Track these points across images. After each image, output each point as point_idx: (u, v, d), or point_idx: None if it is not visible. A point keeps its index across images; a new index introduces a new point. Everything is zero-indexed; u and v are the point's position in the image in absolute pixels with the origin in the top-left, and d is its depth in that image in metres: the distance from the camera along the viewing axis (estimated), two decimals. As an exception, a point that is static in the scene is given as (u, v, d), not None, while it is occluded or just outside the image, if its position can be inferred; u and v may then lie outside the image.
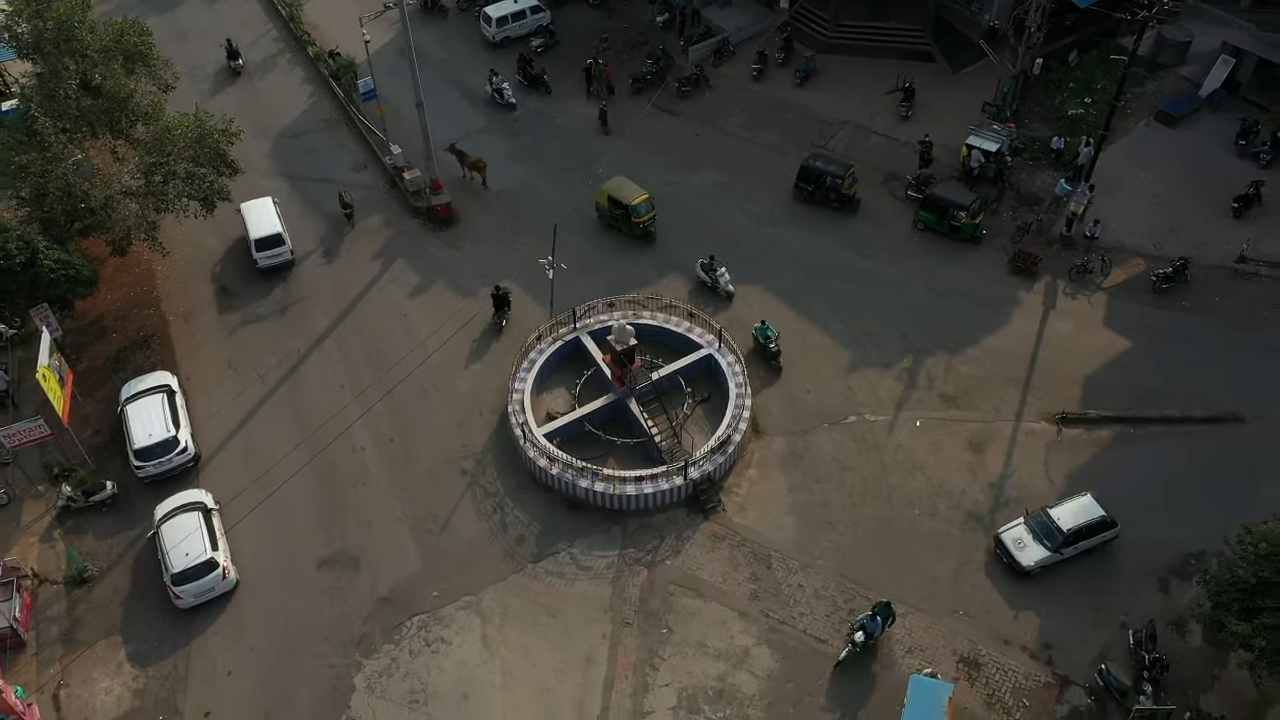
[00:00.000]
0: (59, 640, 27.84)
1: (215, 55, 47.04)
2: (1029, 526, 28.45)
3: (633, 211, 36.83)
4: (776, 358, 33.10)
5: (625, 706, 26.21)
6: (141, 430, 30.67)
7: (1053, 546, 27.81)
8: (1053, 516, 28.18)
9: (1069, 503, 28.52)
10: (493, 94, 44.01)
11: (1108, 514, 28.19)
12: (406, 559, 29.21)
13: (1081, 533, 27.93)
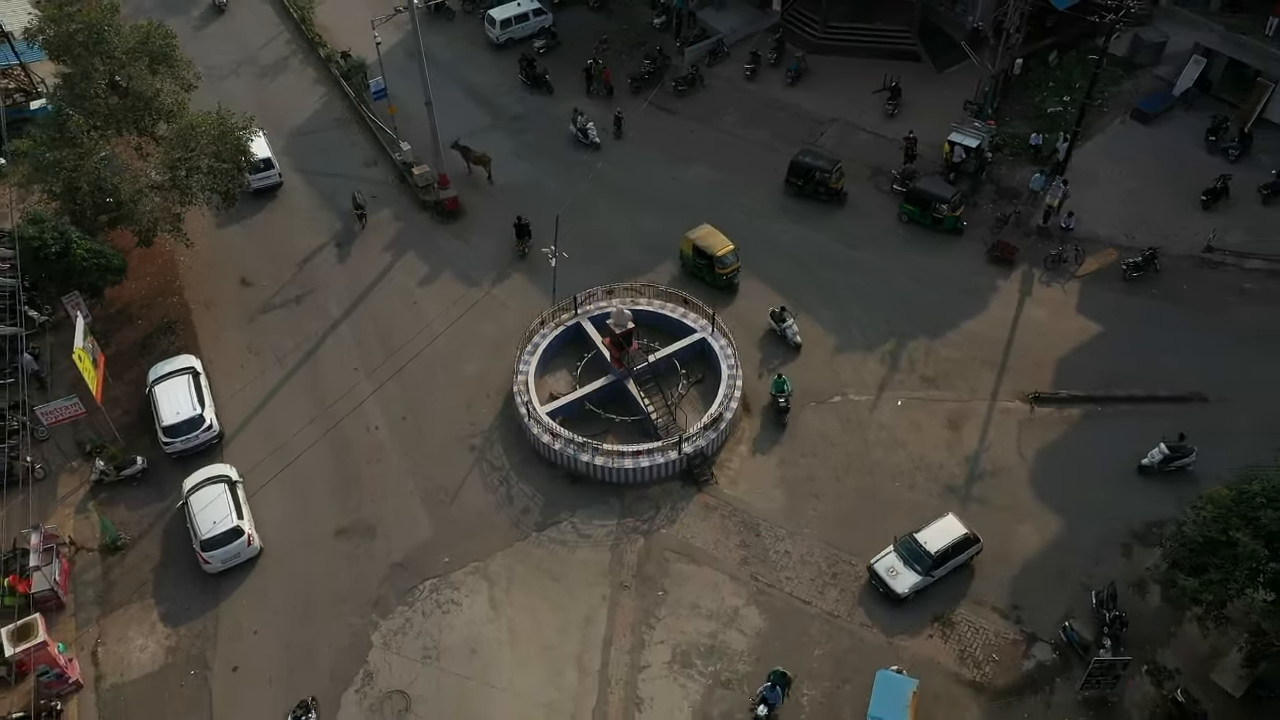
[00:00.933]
0: (95, 602, 30.01)
1: (230, 56, 49.23)
2: (899, 553, 29.42)
3: (718, 262, 36.77)
4: (784, 414, 33.37)
5: (623, 662, 28.35)
6: (169, 409, 32.86)
7: (923, 570, 28.83)
8: (920, 541, 29.19)
9: (933, 525, 29.57)
10: (576, 134, 43.85)
11: (970, 531, 29.45)
12: (419, 528, 31.36)
13: (948, 553, 29.04)
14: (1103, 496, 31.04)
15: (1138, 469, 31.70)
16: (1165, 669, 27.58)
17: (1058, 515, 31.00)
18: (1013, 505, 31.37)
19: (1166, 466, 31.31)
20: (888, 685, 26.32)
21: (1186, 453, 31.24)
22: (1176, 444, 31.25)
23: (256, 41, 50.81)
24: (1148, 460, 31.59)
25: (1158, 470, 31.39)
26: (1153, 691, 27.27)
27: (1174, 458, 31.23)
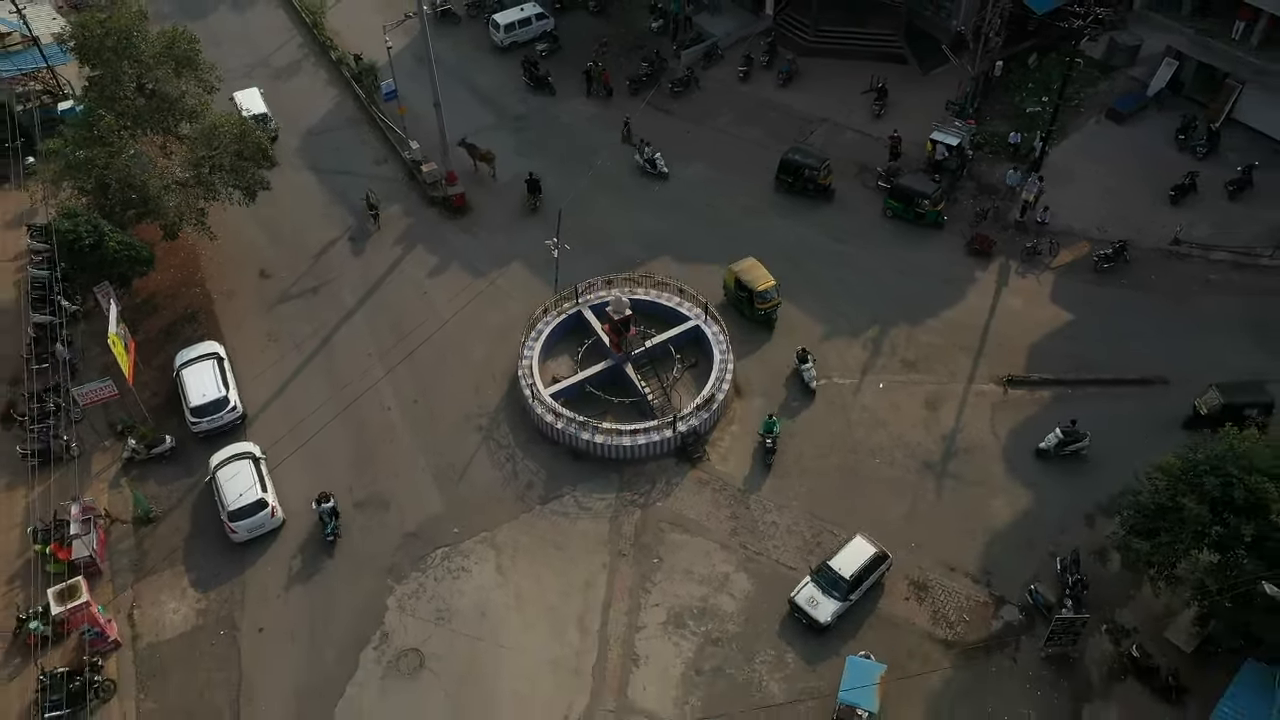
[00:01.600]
0: (130, 569, 32.38)
1: (246, 59, 51.59)
2: (817, 583, 30.35)
3: (757, 297, 37.26)
4: (771, 454, 34.24)
5: (621, 622, 30.69)
6: (196, 391, 35.25)
7: (841, 596, 29.92)
8: (834, 568, 30.25)
9: (845, 550, 30.76)
10: (644, 164, 44.34)
11: (879, 549, 30.80)
12: (430, 501, 33.72)
13: (862, 576, 30.22)
14: (1070, 472, 33.34)
15: (1035, 453, 33.87)
16: (1123, 628, 29.91)
17: (1027, 489, 33.33)
18: (985, 480, 33.68)
19: (1061, 451, 33.54)
20: (856, 669, 28.10)
21: (1079, 438, 33.50)
22: (1070, 430, 33.51)
23: (270, 45, 53.23)
24: (1044, 444, 33.77)
25: (1054, 454, 33.60)
26: (1111, 649, 29.60)
27: (1068, 442, 33.49)
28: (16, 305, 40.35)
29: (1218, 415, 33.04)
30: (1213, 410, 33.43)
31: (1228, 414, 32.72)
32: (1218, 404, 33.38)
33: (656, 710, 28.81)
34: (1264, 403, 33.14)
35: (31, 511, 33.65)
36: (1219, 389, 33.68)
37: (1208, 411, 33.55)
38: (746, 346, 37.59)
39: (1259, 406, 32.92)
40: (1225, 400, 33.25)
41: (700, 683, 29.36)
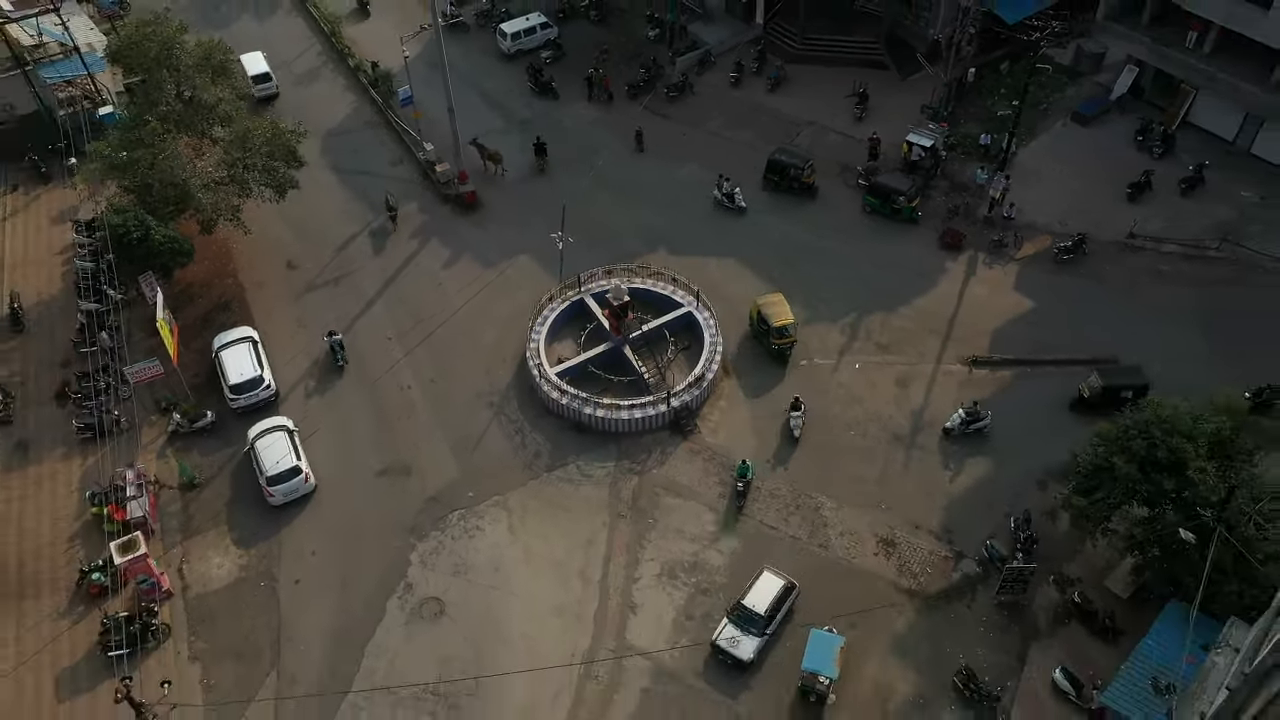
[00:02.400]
0: (178, 529, 36.15)
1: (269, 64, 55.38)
2: (734, 623, 32.04)
3: (774, 332, 38.98)
4: (743, 495, 36.05)
5: (620, 575, 34.46)
6: (235, 370, 39.04)
7: (759, 631, 31.75)
8: (749, 606, 32.02)
9: (755, 587, 32.52)
10: (722, 199, 46.12)
11: (787, 579, 32.75)
12: (448, 469, 37.50)
13: (775, 609, 32.10)
14: (1025, 442, 37.11)
15: (942, 431, 37.52)
16: (1067, 578, 33.65)
17: (986, 457, 37.09)
18: (949, 450, 37.43)
19: (965, 429, 37.23)
20: (819, 641, 30.92)
21: (980, 417, 37.29)
22: (971, 410, 37.26)
23: (290, 52, 56.98)
24: (949, 424, 37.44)
25: (958, 432, 37.25)
26: (1056, 596, 33.35)
27: (970, 421, 37.22)
28: (65, 294, 44.11)
29: (1098, 398, 37.07)
30: (1094, 393, 37.39)
31: (1107, 396, 36.83)
32: (1098, 387, 37.29)
33: (651, 650, 32.58)
34: (1139, 385, 36.86)
35: (86, 480, 37.42)
36: (1099, 374, 37.53)
37: (1089, 395, 37.47)
38: (752, 382, 40.28)
39: (1134, 389, 36.69)
40: (1104, 384, 37.13)
41: (690, 627, 33.11)
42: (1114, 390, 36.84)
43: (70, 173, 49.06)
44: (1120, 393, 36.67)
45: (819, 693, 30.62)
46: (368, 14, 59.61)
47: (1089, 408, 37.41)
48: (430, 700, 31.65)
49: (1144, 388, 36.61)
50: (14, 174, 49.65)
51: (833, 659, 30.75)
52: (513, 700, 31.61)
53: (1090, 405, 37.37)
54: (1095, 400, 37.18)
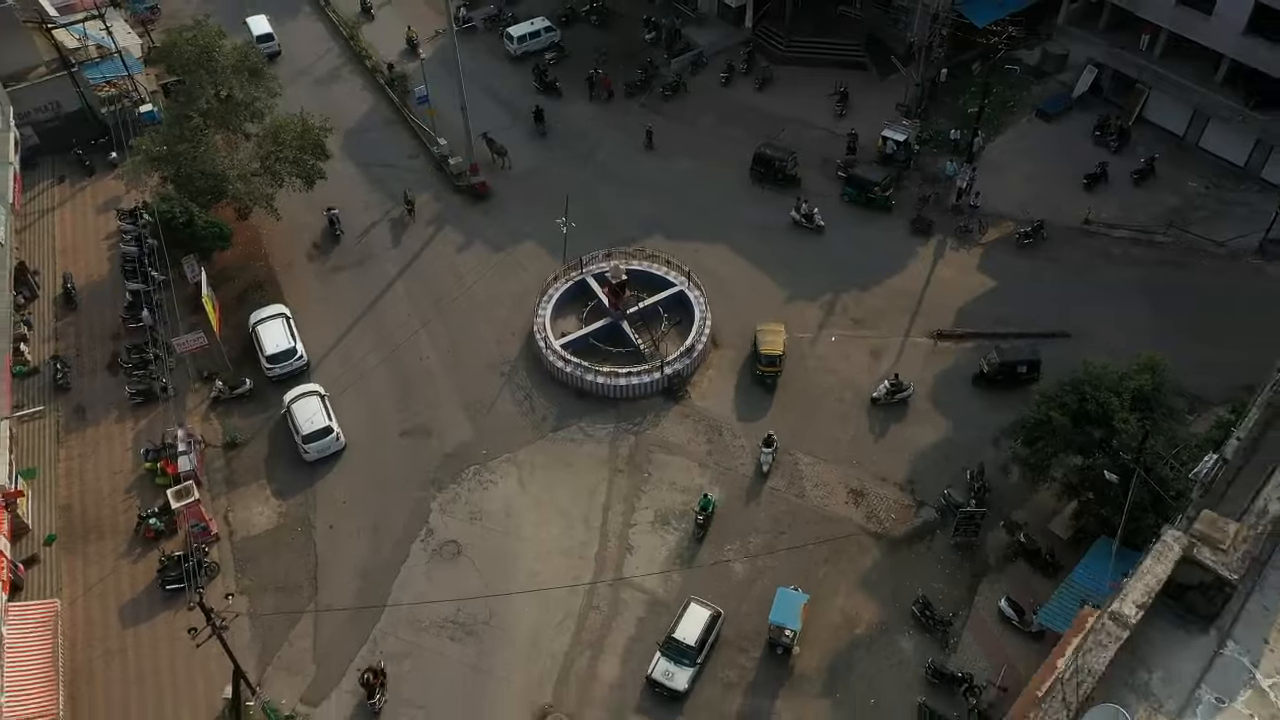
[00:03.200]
0: (223, 483, 40.60)
1: (288, 67, 59.83)
2: (667, 656, 33.98)
3: (761, 359, 42.12)
4: (704, 527, 38.20)
5: (618, 520, 38.91)
6: (271, 343, 43.50)
7: (691, 662, 33.80)
8: (679, 639, 34.00)
9: (684, 620, 34.45)
10: (800, 219, 48.56)
11: (713, 609, 35.01)
12: (463, 430, 41.95)
13: (705, 638, 34.15)
14: (985, 405, 41.54)
15: (871, 400, 41.85)
16: (1016, 523, 38.09)
17: (947, 419, 41.52)
18: (914, 413, 41.86)
19: (890, 399, 41.60)
20: (785, 598, 34.52)
21: (904, 388, 41.68)
22: (895, 382, 41.67)
23: (311, 55, 61.42)
24: (876, 394, 41.76)
25: (883, 401, 41.64)
26: (1005, 538, 37.80)
27: (894, 391, 41.60)
28: (112, 276, 48.58)
29: (996, 373, 41.53)
30: (993, 368, 41.79)
31: (1004, 371, 41.28)
32: (996, 363, 41.70)
33: (644, 584, 37.04)
34: (1032, 361, 41.41)
35: (139, 440, 41.87)
36: (998, 351, 41.92)
37: (989, 370, 41.91)
38: (739, 354, 44.95)
39: (1028, 364, 41.28)
40: (1001, 360, 41.56)
41: (680, 564, 37.56)
42: (1010, 366, 41.36)
43: (112, 166, 53.61)
44: (1016, 369, 41.25)
45: (784, 644, 34.45)
46: (371, 17, 63.96)
47: (989, 382, 41.86)
48: (450, 628, 36.10)
49: (1036, 363, 41.23)
50: (60, 167, 54.08)
51: (797, 613, 34.36)
52: (523, 627, 36.08)
53: (990, 380, 41.82)
54: (994, 375, 41.68)
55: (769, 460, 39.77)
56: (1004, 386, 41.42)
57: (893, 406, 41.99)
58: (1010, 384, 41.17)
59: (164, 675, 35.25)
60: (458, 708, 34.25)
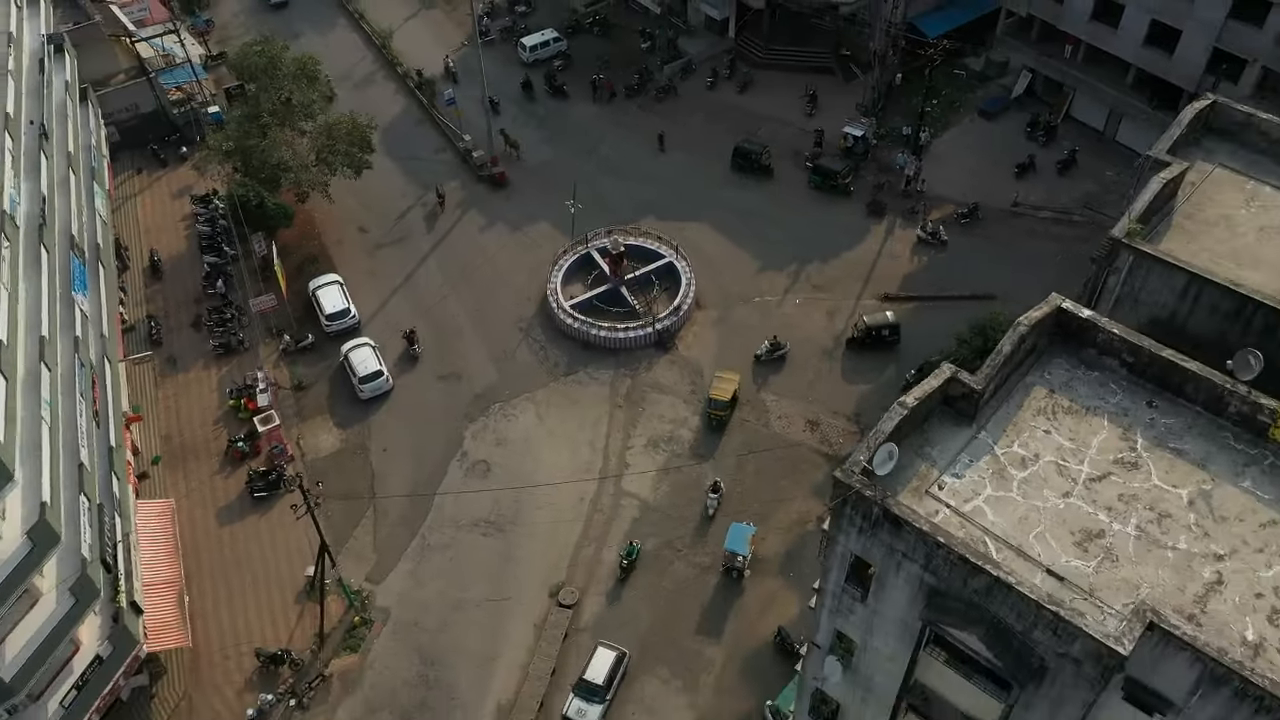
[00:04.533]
0: (294, 416, 50.17)
1: (330, 72, 69.29)
2: (579, 696, 39.12)
3: (709, 402, 48.35)
4: (627, 573, 43.32)
5: (618, 444, 48.45)
6: (329, 304, 53.14)
7: (601, 699, 38.95)
8: (589, 679, 39.13)
9: (592, 662, 39.78)
10: (926, 236, 56.03)
11: (618, 649, 40.20)
12: (489, 374, 51.52)
13: (612, 677, 39.46)
14: (923, 352, 50.99)
15: (754, 358, 50.72)
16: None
17: (888, 365, 51.04)
18: (862, 361, 51.36)
19: (770, 356, 50.53)
20: (736, 530, 42.79)
21: (781, 347, 50.77)
22: (774, 342, 50.68)
23: (348, 62, 71.05)
24: (758, 351, 50.64)
25: (765, 358, 50.56)
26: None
27: (774, 350, 50.64)
28: (189, 251, 58.26)
29: (864, 335, 50.73)
30: (860, 333, 50.98)
31: (869, 335, 50.47)
32: (863, 328, 50.86)
33: (639, 492, 46.59)
34: (892, 325, 50.51)
35: (222, 383, 51.50)
36: (865, 318, 51.01)
37: (856, 334, 51.14)
38: (719, 314, 55.18)
39: (888, 328, 50.44)
40: (867, 325, 50.71)
41: (667, 477, 47.13)
42: (875, 330, 50.62)
43: (183, 159, 63.32)
44: (880, 332, 50.45)
45: (737, 568, 43.18)
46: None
47: (859, 344, 51.07)
48: (483, 525, 45.71)
49: (896, 328, 50.43)
50: (138, 160, 63.76)
51: (746, 542, 43.10)
52: (540, 525, 45.65)
53: (859, 342, 51.05)
54: (862, 338, 50.96)
55: (715, 504, 45.22)
56: (870, 348, 50.71)
57: (839, 356, 51.55)
58: (877, 346, 50.47)
59: (255, 562, 44.85)
60: (492, 586, 43.82)
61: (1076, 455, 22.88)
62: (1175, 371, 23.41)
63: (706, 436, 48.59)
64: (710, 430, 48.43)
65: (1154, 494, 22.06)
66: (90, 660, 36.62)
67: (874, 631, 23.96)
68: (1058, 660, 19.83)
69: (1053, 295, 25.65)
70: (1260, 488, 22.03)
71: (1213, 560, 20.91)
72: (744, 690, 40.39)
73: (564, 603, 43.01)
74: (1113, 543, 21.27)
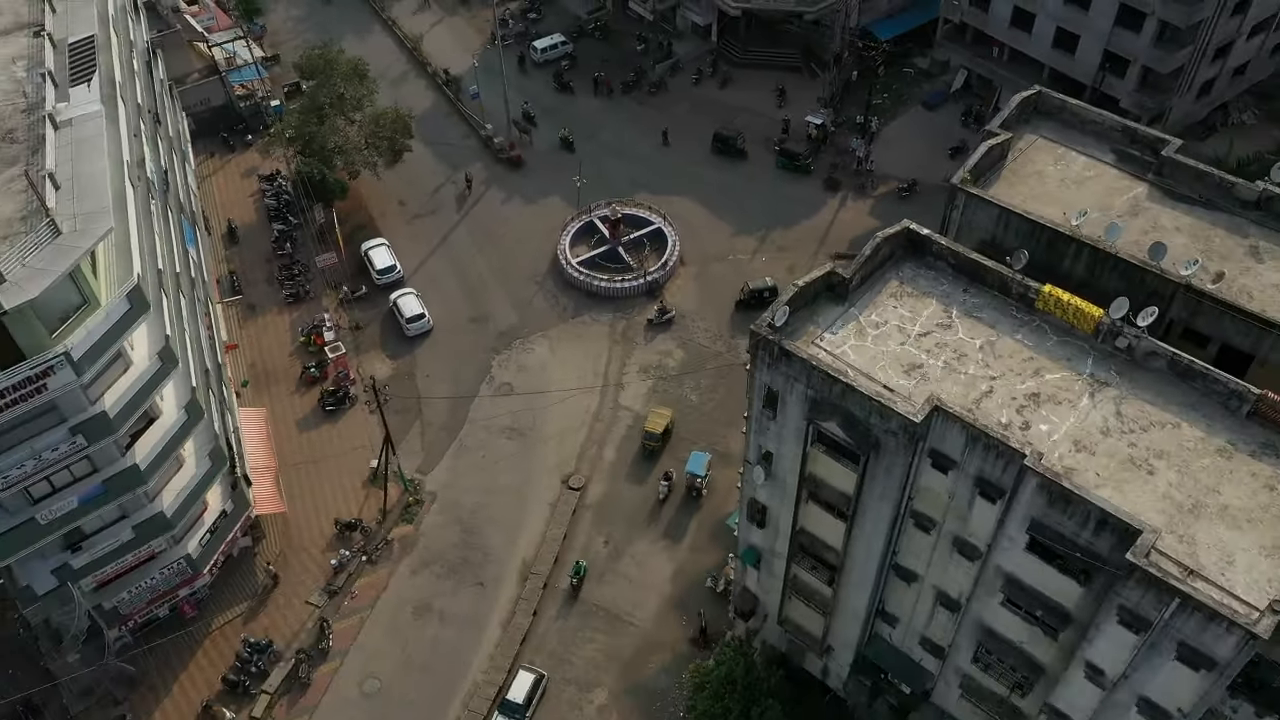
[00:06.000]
0: (353, 350, 63.02)
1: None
2: (502, 713, 46.38)
3: (645, 434, 56.61)
4: (578, 590, 51.46)
5: (616, 369, 61.24)
6: (380, 261, 66.05)
7: (522, 716, 46.45)
8: (512, 700, 46.47)
9: (515, 683, 47.38)
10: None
11: (538, 672, 47.95)
12: (510, 317, 64.34)
13: (531, 696, 46.86)
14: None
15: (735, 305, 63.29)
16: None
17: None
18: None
19: (755, 301, 62.64)
20: (696, 457, 55.18)
21: (668, 312, 62.96)
22: (661, 307, 62.89)
23: (384, 63, 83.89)
24: (650, 317, 62.85)
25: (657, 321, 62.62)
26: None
27: (662, 314, 62.66)
28: (259, 221, 71.10)
29: (749, 298, 62.97)
30: (746, 295, 63.26)
31: (753, 298, 62.71)
32: (749, 292, 63.18)
33: (632, 406, 59.36)
34: (770, 287, 62.47)
35: (294, 325, 64.33)
36: (749, 284, 63.35)
37: (744, 297, 63.47)
38: (699, 269, 68.00)
39: (768, 290, 62.40)
40: (752, 289, 63.07)
41: (655, 395, 59.91)
42: (759, 293, 62.88)
43: (248, 145, 76.25)
44: (761, 294, 62.63)
45: (697, 488, 55.35)
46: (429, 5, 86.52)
47: (745, 305, 63.32)
48: (508, 432, 58.52)
49: (774, 289, 62.16)
50: (210, 146, 76.63)
51: (704, 466, 55.32)
52: (553, 431, 58.42)
53: (746, 304, 63.30)
54: (747, 300, 63.26)
55: (665, 490, 54.75)
56: (753, 307, 62.63)
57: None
58: (759, 305, 62.23)
59: (329, 457, 57.69)
60: (516, 475, 56.60)
61: (911, 321, 35.61)
62: (979, 267, 36.14)
63: (685, 364, 61.41)
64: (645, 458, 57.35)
65: (957, 343, 34.75)
66: (217, 515, 49.47)
67: (782, 440, 36.68)
68: (885, 435, 32.54)
69: (905, 220, 38.20)
70: (1027, 339, 34.65)
71: (988, 380, 33.58)
72: (711, 547, 53.19)
73: (573, 486, 55.86)
74: (926, 371, 33.94)
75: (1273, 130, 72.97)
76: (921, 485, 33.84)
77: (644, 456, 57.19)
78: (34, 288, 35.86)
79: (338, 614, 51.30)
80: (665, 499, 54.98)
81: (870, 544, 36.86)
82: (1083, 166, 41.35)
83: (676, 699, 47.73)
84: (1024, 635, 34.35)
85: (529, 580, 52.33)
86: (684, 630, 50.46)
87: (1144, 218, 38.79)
